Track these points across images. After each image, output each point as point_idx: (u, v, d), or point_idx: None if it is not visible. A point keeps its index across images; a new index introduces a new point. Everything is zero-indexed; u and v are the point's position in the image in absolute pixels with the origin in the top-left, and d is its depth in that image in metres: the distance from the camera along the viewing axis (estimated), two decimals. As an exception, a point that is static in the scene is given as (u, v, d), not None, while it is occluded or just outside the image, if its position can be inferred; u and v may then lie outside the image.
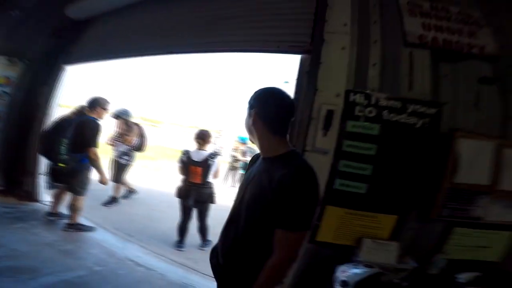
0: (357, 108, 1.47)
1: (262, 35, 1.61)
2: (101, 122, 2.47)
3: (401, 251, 1.46)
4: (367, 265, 1.33)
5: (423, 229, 1.53)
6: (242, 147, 6.35)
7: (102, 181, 2.55)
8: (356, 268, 1.31)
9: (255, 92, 0.94)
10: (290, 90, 1.33)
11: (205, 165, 2.56)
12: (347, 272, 1.28)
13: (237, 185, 4.23)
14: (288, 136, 0.91)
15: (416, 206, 1.51)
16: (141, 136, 3.68)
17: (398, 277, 1.36)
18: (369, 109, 1.48)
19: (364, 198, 1.48)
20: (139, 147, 3.69)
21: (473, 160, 1.49)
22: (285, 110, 0.87)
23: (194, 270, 2.22)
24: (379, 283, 1.26)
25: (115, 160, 3.59)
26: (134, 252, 2.35)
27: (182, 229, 2.69)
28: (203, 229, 2.73)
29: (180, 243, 2.69)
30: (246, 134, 1.06)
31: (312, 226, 1.33)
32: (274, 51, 1.47)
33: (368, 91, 1.47)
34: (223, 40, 1.82)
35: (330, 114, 1.42)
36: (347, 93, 1.46)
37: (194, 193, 2.56)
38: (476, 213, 1.50)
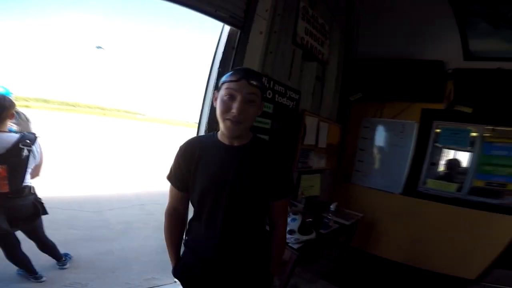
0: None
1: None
2: None
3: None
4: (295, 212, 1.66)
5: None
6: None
7: None
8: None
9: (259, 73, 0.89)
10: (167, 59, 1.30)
11: (12, 159, 1.40)
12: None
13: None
14: None
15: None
16: None
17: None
18: (268, 91, 1.78)
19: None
20: None
21: (310, 129, 2.31)
22: None
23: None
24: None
25: None
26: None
27: (16, 260, 1.64)
28: (46, 248, 1.79)
29: (30, 273, 1.66)
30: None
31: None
32: (210, 15, 1.26)
33: (269, 76, 1.74)
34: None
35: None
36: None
37: (2, 211, 1.43)
38: (309, 164, 2.38)
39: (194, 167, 0.88)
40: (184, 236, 0.99)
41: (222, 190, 0.84)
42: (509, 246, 2.51)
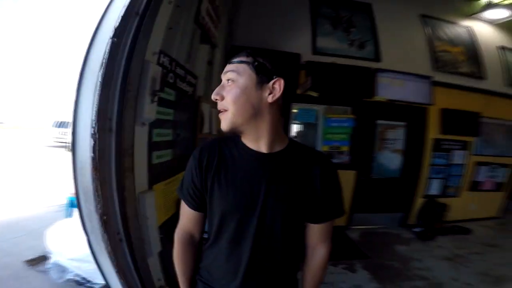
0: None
1: None
2: None
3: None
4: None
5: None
6: None
7: None
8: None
9: (269, 56, 0.69)
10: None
11: None
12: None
13: None
14: None
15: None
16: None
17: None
18: (170, 74, 1.47)
19: (169, 164, 1.55)
20: None
21: (206, 117, 2.19)
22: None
23: None
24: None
25: None
26: None
27: None
28: None
29: None
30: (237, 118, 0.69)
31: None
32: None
33: (171, 56, 1.43)
34: None
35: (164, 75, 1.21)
36: (160, 54, 1.30)
37: None
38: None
39: (211, 181, 0.69)
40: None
41: (250, 213, 0.67)
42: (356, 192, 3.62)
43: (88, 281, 2.01)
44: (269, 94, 0.66)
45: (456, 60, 3.95)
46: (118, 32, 0.93)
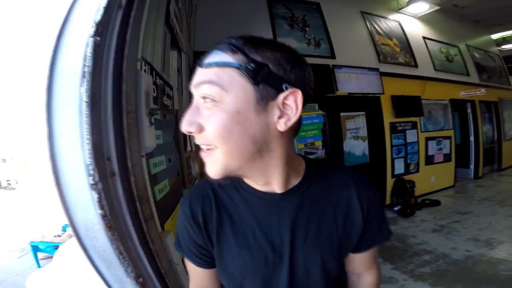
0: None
1: None
2: None
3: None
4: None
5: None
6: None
7: None
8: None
9: (270, 44, 0.45)
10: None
11: None
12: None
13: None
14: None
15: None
16: None
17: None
18: (153, 87, 1.17)
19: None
20: None
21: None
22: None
23: None
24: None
25: None
26: None
27: None
28: None
29: None
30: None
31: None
32: None
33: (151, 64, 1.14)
34: None
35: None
36: (142, 61, 1.00)
37: None
38: (192, 174, 1.98)
39: (217, 237, 0.53)
40: None
41: (277, 271, 0.52)
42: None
43: None
44: (279, 117, 0.44)
45: (394, 51, 4.42)
46: (101, 30, 0.64)
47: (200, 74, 0.43)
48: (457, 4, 5.00)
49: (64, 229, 3.63)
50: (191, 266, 0.60)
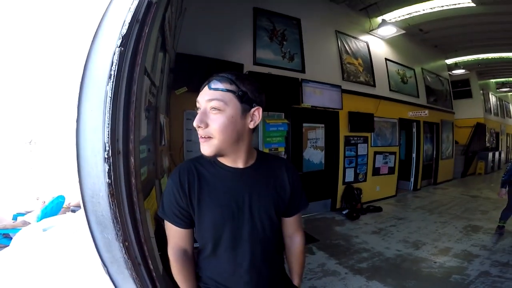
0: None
1: None
2: None
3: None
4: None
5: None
6: None
7: None
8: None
9: (248, 80, 0.75)
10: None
11: None
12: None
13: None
14: None
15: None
16: None
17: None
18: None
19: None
20: None
21: (163, 130, 2.09)
22: None
23: None
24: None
25: None
26: None
27: None
28: None
29: None
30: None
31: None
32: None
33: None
34: None
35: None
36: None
37: None
38: (163, 168, 2.16)
39: (197, 200, 0.75)
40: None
41: (241, 222, 0.77)
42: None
43: None
44: (251, 121, 0.74)
45: (357, 70, 4.96)
46: (125, 41, 0.87)
47: (210, 93, 0.70)
48: (423, 28, 5.58)
49: (15, 218, 3.44)
50: (171, 228, 0.79)
